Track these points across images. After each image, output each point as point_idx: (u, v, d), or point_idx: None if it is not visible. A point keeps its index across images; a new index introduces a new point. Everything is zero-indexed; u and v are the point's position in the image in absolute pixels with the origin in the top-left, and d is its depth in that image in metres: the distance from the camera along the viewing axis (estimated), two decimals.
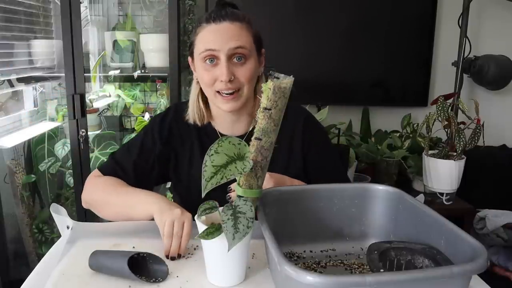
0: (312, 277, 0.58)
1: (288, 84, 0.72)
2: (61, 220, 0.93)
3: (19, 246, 2.05)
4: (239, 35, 1.01)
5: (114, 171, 1.11)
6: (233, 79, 1.01)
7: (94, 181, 1.11)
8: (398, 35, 2.29)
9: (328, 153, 1.19)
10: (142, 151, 1.13)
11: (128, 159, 1.12)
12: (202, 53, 1.02)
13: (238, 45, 1.00)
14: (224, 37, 1.00)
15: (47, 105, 2.20)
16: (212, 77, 1.02)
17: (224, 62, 1.00)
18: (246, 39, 1.02)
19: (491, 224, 1.93)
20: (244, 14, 1.05)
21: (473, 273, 0.63)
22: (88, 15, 2.17)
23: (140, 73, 2.09)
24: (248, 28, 1.03)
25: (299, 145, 1.14)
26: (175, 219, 0.89)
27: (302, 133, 1.14)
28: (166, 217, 0.90)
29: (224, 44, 1.00)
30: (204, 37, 1.02)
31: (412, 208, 0.83)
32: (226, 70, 1.00)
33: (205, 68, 1.03)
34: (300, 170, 1.14)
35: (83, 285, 0.78)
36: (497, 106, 2.41)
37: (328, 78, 2.32)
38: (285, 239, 0.84)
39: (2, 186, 1.96)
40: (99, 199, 1.07)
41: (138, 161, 1.12)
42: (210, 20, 1.02)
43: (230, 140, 0.74)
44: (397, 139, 2.17)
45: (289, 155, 1.14)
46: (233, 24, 1.01)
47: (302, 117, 1.16)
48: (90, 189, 1.10)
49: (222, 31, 1.01)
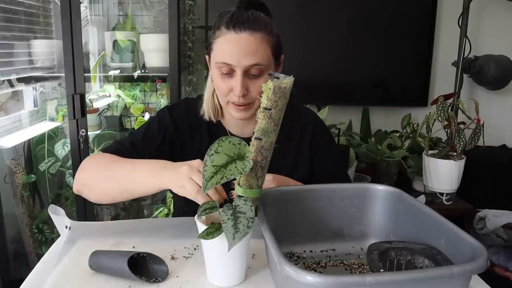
0: (312, 277, 0.58)
1: (288, 84, 0.72)
2: (59, 221, 0.92)
3: (19, 246, 2.05)
4: (257, 50, 0.97)
5: (116, 150, 1.06)
6: (246, 93, 1.00)
7: (89, 160, 1.04)
8: (398, 35, 2.29)
9: (334, 156, 1.21)
10: (146, 135, 1.10)
11: (131, 140, 1.09)
12: (218, 63, 1.00)
13: (255, 63, 0.97)
14: (241, 52, 0.97)
15: (47, 105, 2.19)
16: (226, 88, 1.01)
17: (239, 77, 0.98)
18: (264, 54, 0.98)
19: (491, 224, 1.93)
20: (266, 20, 1.01)
21: (473, 273, 0.63)
22: (88, 15, 2.17)
23: (140, 73, 2.09)
24: (268, 39, 0.99)
25: (307, 147, 1.15)
26: (190, 175, 0.82)
27: (312, 136, 1.16)
28: (182, 180, 0.83)
29: (241, 60, 0.97)
30: (222, 47, 0.99)
31: (412, 208, 0.83)
32: (240, 86, 0.98)
33: (220, 77, 1.01)
34: (307, 171, 1.15)
35: (83, 285, 0.78)
36: (497, 106, 2.41)
37: (328, 78, 2.32)
38: (285, 239, 0.84)
39: (2, 186, 1.96)
40: (94, 177, 0.99)
41: (141, 144, 1.09)
42: (230, 26, 0.97)
43: (230, 140, 0.74)
44: (397, 139, 2.17)
45: (298, 156, 1.15)
46: (252, 36, 0.97)
47: (312, 120, 1.18)
48: (87, 166, 1.02)
49: (240, 44, 0.97)
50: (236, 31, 0.97)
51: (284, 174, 1.02)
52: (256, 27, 0.98)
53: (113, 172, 0.97)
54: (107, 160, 1.00)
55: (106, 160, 1.00)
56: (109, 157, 1.02)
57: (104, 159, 1.01)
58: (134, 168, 0.93)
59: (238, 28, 0.97)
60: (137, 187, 0.92)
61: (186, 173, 0.83)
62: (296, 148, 1.15)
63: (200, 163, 0.82)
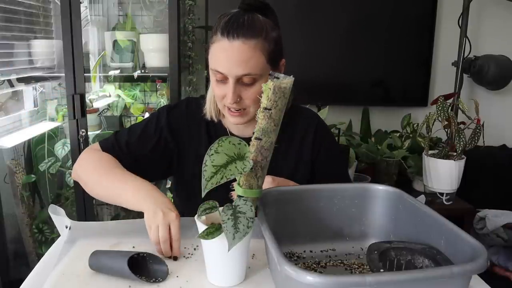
0: (312, 277, 0.58)
1: (288, 84, 0.72)
2: (59, 221, 0.92)
3: (19, 246, 2.05)
4: (249, 59, 0.96)
5: (112, 147, 1.09)
6: (239, 100, 1.00)
7: (89, 155, 1.08)
8: (398, 35, 2.29)
9: (335, 158, 1.21)
10: (142, 135, 1.11)
11: (127, 139, 1.10)
12: (212, 70, 1.00)
13: (247, 72, 0.97)
14: (233, 61, 0.96)
15: (47, 105, 2.19)
16: (221, 93, 1.01)
17: (231, 85, 0.98)
18: (257, 63, 0.97)
19: (491, 224, 1.93)
20: (262, 25, 0.99)
21: (473, 273, 0.63)
22: (88, 15, 2.17)
23: (140, 73, 2.09)
24: (263, 45, 0.97)
25: (309, 149, 1.15)
26: (159, 224, 0.86)
27: (313, 139, 1.15)
28: (151, 223, 0.87)
29: (232, 69, 0.96)
30: (216, 54, 0.99)
31: (412, 208, 0.83)
32: (232, 94, 0.98)
33: (215, 82, 1.02)
34: (308, 173, 1.15)
35: (83, 285, 0.78)
36: (497, 106, 2.41)
37: (328, 78, 2.32)
38: (285, 239, 0.84)
39: (2, 186, 1.96)
40: (90, 177, 1.04)
41: (136, 144, 1.10)
42: (224, 32, 0.96)
43: (230, 140, 0.74)
44: (397, 139, 2.17)
45: (299, 158, 1.14)
46: (245, 44, 0.95)
47: (314, 122, 1.18)
48: (83, 163, 1.07)
49: (233, 53, 0.96)
50: (229, 38, 0.96)
51: (285, 175, 1.03)
52: (250, 34, 0.96)
53: (105, 181, 1.01)
54: (102, 165, 1.04)
55: (101, 165, 1.04)
56: (105, 160, 1.05)
57: (100, 162, 1.05)
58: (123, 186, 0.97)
59: (232, 36, 0.96)
60: (122, 202, 0.97)
61: (159, 219, 0.86)
62: (298, 150, 1.15)
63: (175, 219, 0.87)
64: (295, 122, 1.15)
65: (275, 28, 1.02)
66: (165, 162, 1.14)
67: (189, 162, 1.13)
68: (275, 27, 1.02)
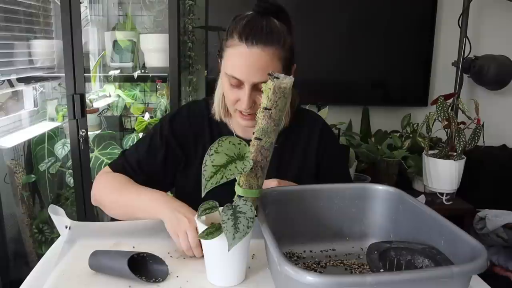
0: (312, 277, 0.58)
1: (288, 84, 0.72)
2: (59, 221, 0.92)
3: (19, 246, 2.05)
4: (267, 67, 0.95)
5: (123, 168, 1.10)
6: (253, 105, 1.00)
7: (103, 179, 1.10)
8: (398, 35, 2.29)
9: (340, 163, 1.22)
10: (150, 150, 1.12)
11: (136, 156, 1.11)
12: (227, 75, 0.99)
13: (263, 80, 0.94)
14: (251, 68, 0.95)
15: (47, 105, 2.20)
16: (234, 98, 1.01)
17: (247, 91, 0.97)
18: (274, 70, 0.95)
19: (491, 224, 1.92)
20: (280, 31, 0.98)
21: (473, 273, 0.63)
22: (88, 15, 2.17)
23: (140, 73, 2.09)
24: (280, 53, 0.97)
25: (313, 153, 1.15)
26: (186, 230, 0.87)
27: (318, 142, 1.15)
28: (178, 231, 0.88)
29: (250, 76, 0.96)
30: (233, 59, 0.98)
31: (412, 208, 0.83)
32: (247, 100, 0.98)
33: (229, 87, 1.01)
34: (312, 176, 1.15)
35: (83, 285, 0.78)
36: (497, 106, 2.41)
37: (328, 78, 2.32)
38: (285, 239, 0.84)
39: (2, 186, 1.96)
40: (107, 199, 1.06)
41: (146, 160, 1.11)
42: (243, 37, 0.95)
43: (230, 140, 0.74)
44: (397, 139, 2.17)
45: (303, 161, 1.14)
46: (264, 52, 0.95)
47: (319, 125, 1.18)
48: (99, 187, 1.09)
49: (251, 60, 0.95)
50: (248, 44, 0.95)
51: (289, 178, 1.03)
52: (269, 41, 0.95)
53: (121, 199, 1.03)
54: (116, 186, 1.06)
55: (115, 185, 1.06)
56: (118, 181, 1.07)
57: (114, 183, 1.07)
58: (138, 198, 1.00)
59: (250, 42, 0.95)
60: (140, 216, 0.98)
61: (185, 226, 0.87)
62: (302, 154, 1.15)
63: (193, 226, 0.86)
64: (300, 126, 1.15)
65: (290, 34, 1.01)
66: (176, 170, 1.15)
67: (196, 164, 1.13)
68: (290, 33, 1.01)
